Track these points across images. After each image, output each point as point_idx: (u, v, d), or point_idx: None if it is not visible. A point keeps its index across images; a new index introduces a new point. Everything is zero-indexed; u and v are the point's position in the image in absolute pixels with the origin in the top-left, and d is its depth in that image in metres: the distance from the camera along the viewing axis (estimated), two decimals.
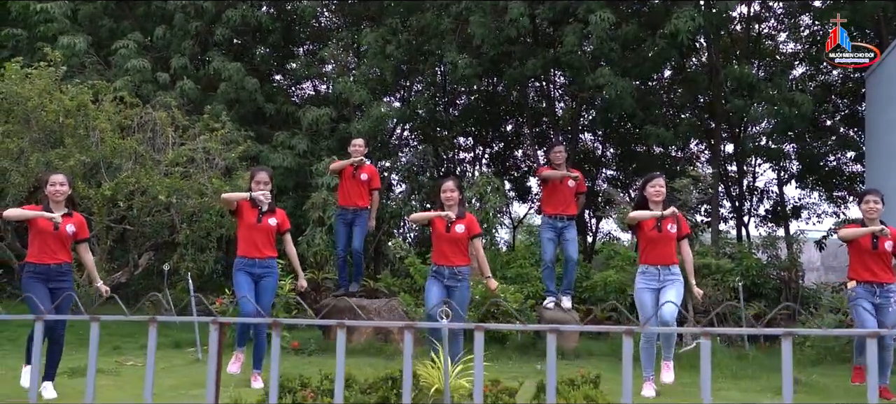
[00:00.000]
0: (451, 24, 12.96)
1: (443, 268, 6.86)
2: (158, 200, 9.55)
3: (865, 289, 6.70)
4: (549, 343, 2.61)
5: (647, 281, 6.65)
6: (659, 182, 6.68)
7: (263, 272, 6.87)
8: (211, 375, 3.04)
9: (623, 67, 12.29)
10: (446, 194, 6.93)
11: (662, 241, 6.60)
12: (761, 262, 12.11)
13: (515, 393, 5.15)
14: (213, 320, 3.09)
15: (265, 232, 6.86)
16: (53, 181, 6.23)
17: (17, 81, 9.21)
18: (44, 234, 6.15)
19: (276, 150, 13.22)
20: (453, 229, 6.87)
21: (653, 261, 6.63)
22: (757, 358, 8.84)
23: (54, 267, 6.17)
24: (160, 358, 8.67)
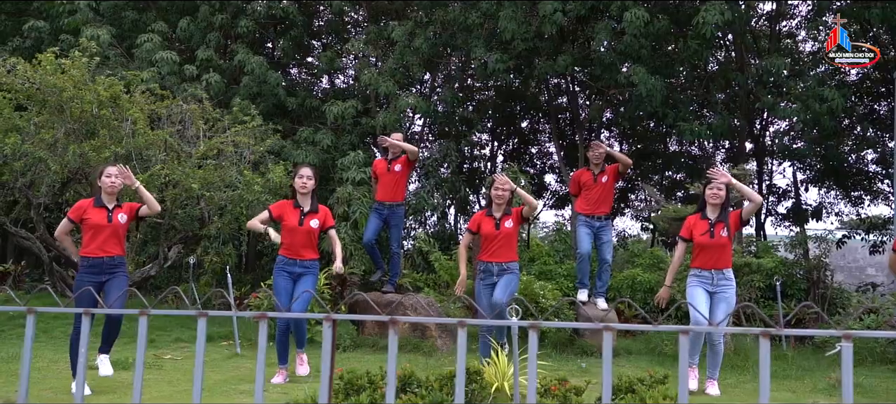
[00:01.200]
0: (479, 19, 12.88)
1: (491, 265, 6.80)
2: (191, 192, 9.48)
3: None
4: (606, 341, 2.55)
5: (700, 282, 6.61)
6: (717, 185, 6.61)
7: (303, 271, 6.85)
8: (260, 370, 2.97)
9: (653, 66, 12.21)
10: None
11: (714, 247, 6.53)
12: (788, 261, 12.06)
13: (582, 392, 5.10)
14: (261, 315, 3.02)
15: (306, 233, 6.81)
16: (108, 173, 6.20)
17: (52, 72, 9.12)
18: (97, 228, 6.11)
19: (299, 146, 13.15)
20: (502, 226, 6.82)
21: (706, 265, 6.57)
22: (796, 358, 8.80)
23: (107, 260, 6.12)
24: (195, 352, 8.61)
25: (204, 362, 7.19)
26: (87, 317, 2.89)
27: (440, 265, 11.57)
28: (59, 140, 9.13)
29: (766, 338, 2.41)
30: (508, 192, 6.89)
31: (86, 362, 2.89)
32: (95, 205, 6.20)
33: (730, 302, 6.53)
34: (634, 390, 4.70)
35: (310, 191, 6.86)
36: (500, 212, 6.85)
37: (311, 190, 6.87)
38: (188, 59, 13.64)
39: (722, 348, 6.80)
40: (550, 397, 4.99)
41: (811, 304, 2.48)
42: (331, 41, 17.04)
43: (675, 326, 2.61)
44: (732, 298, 6.58)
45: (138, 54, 13.20)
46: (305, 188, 6.82)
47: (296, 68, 17.50)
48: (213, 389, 6.44)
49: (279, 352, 6.97)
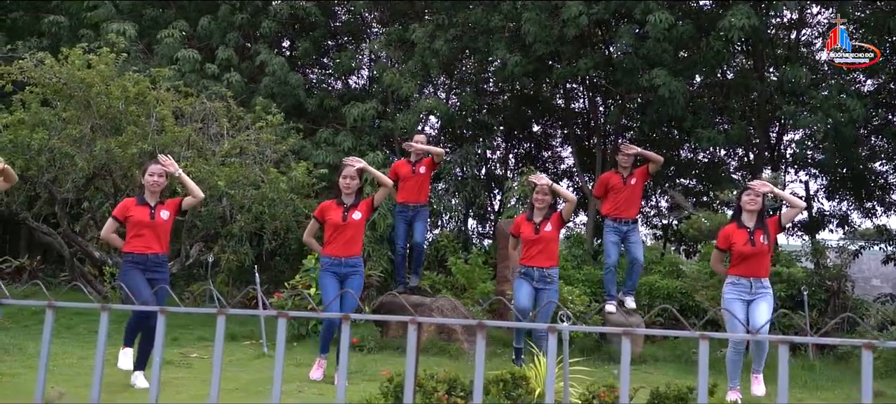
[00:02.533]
0: (500, 22, 12.86)
1: (532, 270, 6.77)
2: (216, 190, 9.45)
3: None
4: (625, 346, 2.52)
5: (738, 292, 6.51)
6: (754, 191, 6.53)
7: (349, 271, 6.83)
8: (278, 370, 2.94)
9: (675, 69, 12.19)
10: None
11: (756, 256, 6.43)
12: (808, 271, 12.03)
13: (632, 399, 5.06)
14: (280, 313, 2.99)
15: (352, 228, 6.79)
16: (152, 171, 6.23)
17: (80, 67, 9.10)
18: (141, 225, 6.12)
19: (319, 147, 13.13)
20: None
21: (745, 273, 6.47)
22: (823, 368, 8.77)
23: (152, 256, 6.12)
24: (224, 351, 8.57)
25: (230, 362, 7.17)
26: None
27: (457, 268, 11.54)
28: (85, 136, 9.10)
29: (786, 346, 2.39)
30: (549, 195, 6.85)
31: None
32: (139, 202, 6.22)
33: (770, 301, 6.47)
34: (685, 400, 4.66)
35: (353, 192, 6.85)
36: (541, 216, 6.81)
37: (356, 189, 6.86)
38: (208, 57, 13.62)
39: (766, 344, 6.68)
40: (599, 403, 4.95)
41: (853, 316, 2.44)
42: (346, 42, 17.03)
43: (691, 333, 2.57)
44: (772, 301, 6.52)
45: (159, 51, 13.18)
46: (349, 188, 6.82)
47: (313, 68, 17.47)
48: (246, 389, 6.40)
49: (322, 344, 7.01)
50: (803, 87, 12.70)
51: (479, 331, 2.65)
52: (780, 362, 2.37)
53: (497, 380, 5.15)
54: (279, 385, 2.87)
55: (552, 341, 2.68)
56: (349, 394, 5.69)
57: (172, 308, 2.90)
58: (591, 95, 16.47)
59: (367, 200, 6.99)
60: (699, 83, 15.93)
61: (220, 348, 2.87)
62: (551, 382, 2.70)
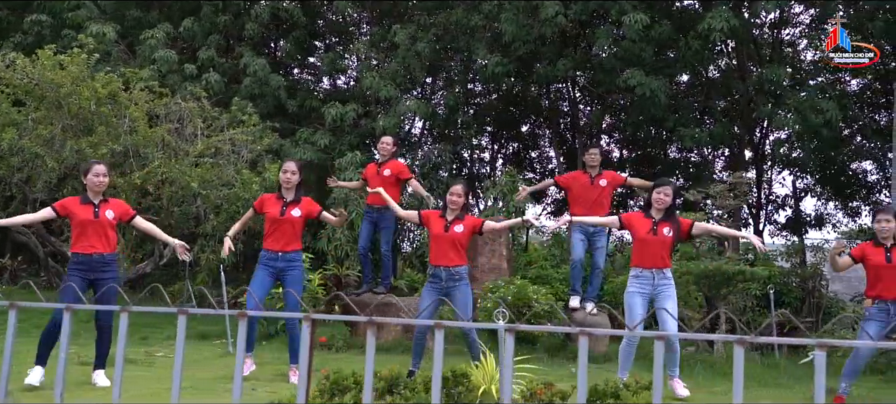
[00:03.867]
0: (481, 22, 12.91)
1: (439, 270, 6.76)
2: (187, 190, 9.51)
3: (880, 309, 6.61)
4: (581, 345, 2.56)
5: (640, 284, 6.56)
6: (665, 190, 6.58)
7: (286, 266, 6.76)
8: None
9: (654, 68, 12.24)
10: (454, 198, 6.78)
11: (656, 245, 6.50)
12: (783, 270, 12.07)
13: (568, 397, 5.12)
14: (241, 313, 3.04)
15: (290, 223, 6.76)
16: (97, 171, 6.21)
17: (50, 68, 9.16)
18: (85, 224, 6.10)
19: (298, 145, 13.20)
20: (452, 229, 6.81)
21: (646, 264, 6.55)
22: (788, 367, 8.80)
23: (96, 257, 6.11)
24: (189, 350, 8.65)
25: (195, 360, 7.23)
26: (68, 314, 2.90)
27: None
28: (56, 136, 9.17)
29: (742, 346, 2.43)
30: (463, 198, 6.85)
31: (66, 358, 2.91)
32: (82, 201, 6.19)
33: (674, 297, 6.57)
34: (618, 395, 4.71)
35: (293, 187, 6.83)
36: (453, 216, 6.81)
37: (296, 184, 6.84)
38: (191, 58, 13.69)
39: (678, 346, 6.84)
40: (536, 401, 5.00)
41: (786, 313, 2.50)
42: (333, 42, 17.10)
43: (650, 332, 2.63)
44: (675, 296, 6.61)
45: (140, 52, 13.25)
46: (289, 183, 6.80)
47: (298, 69, 17.54)
48: (199, 387, 6.46)
49: (247, 342, 6.95)
50: (782, 88, 12.73)
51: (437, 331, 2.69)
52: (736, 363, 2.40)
53: (447, 377, 5.20)
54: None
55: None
56: (284, 391, 5.75)
57: (138, 307, 2.95)
58: (575, 96, 16.50)
59: (311, 203, 7.00)
60: (683, 82, 15.99)
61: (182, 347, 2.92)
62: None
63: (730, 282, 8.84)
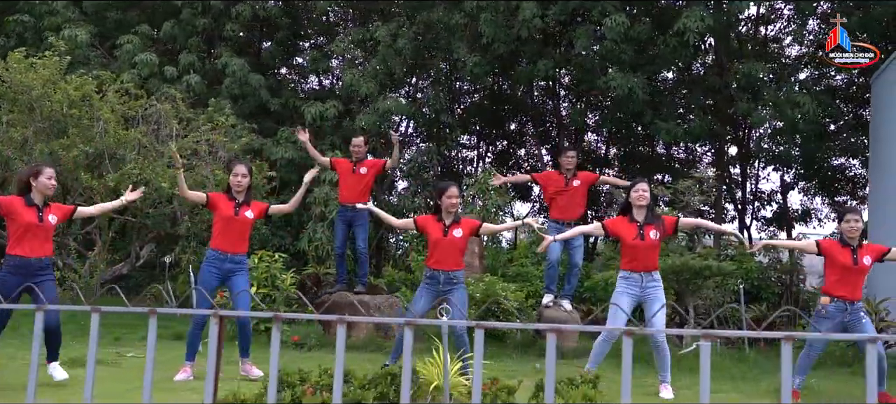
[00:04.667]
0: (461, 20, 12.95)
1: (438, 274, 6.76)
2: (161, 191, 9.56)
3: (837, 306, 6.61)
4: (549, 342, 2.61)
5: (628, 286, 6.61)
6: (642, 186, 6.62)
7: (233, 267, 6.72)
8: (210, 369, 3.05)
9: (633, 66, 12.28)
10: (452, 201, 6.77)
11: (645, 249, 6.54)
12: (762, 265, 12.11)
13: (514, 392, 5.14)
14: (214, 313, 3.10)
15: (242, 223, 6.73)
16: (49, 174, 6.15)
17: (22, 70, 9.21)
18: (28, 227, 6.02)
19: (279, 144, 13.25)
20: (451, 233, 6.79)
21: (635, 268, 6.57)
22: (757, 360, 8.84)
23: (35, 261, 6.05)
24: (162, 350, 8.67)
25: (168, 360, 7.23)
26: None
27: (417, 265, 11.64)
28: (28, 139, 9.22)
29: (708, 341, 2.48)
30: (458, 200, 6.85)
31: None
32: (27, 203, 6.07)
33: (662, 298, 6.60)
34: (558, 390, 4.74)
35: (244, 189, 6.79)
36: (451, 219, 6.82)
37: (246, 187, 6.81)
38: (172, 61, 13.73)
39: (667, 349, 6.83)
40: (482, 396, 5.03)
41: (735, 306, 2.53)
42: (318, 42, 17.13)
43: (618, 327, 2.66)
44: (663, 299, 6.65)
45: (119, 55, 13.30)
46: (240, 186, 6.75)
47: (285, 69, 17.58)
48: (159, 387, 6.48)
49: (189, 348, 6.91)
50: (759, 84, 12.75)
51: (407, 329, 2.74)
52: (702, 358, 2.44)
53: (386, 374, 5.24)
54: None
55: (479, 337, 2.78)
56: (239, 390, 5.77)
57: (108, 307, 3.00)
58: (557, 94, 16.54)
59: (259, 203, 7.04)
60: (668, 79, 16.01)
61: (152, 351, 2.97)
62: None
63: (698, 276, 8.88)
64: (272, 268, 9.47)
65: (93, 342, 2.84)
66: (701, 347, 2.50)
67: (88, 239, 10.74)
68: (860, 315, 6.51)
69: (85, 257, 10.35)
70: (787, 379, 2.48)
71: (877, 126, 12.07)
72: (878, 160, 11.94)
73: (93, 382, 2.99)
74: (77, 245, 10.74)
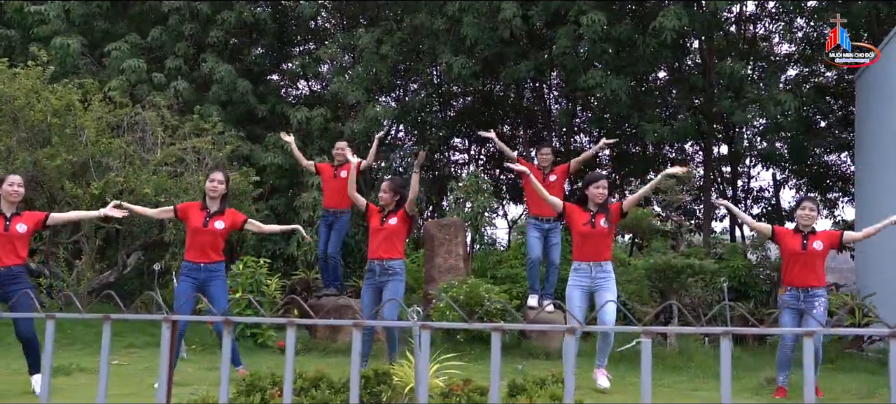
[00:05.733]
0: (444, 25, 12.99)
1: (373, 264, 6.86)
2: (147, 199, 9.58)
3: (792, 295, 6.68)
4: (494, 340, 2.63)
5: (578, 278, 6.65)
6: (603, 184, 6.66)
7: (208, 277, 6.69)
8: (163, 375, 3.07)
9: (616, 67, 12.32)
10: (381, 195, 6.94)
11: (595, 237, 6.58)
12: (750, 263, 12.12)
13: (487, 392, 5.17)
14: (166, 318, 3.12)
15: (212, 235, 6.68)
16: (11, 181, 6.15)
17: (5, 80, 9.24)
18: None
19: (268, 149, 13.28)
20: (387, 222, 6.88)
21: (585, 257, 6.62)
22: (740, 358, 8.86)
23: (4, 271, 6.04)
24: (145, 357, 8.72)
25: (147, 368, 7.27)
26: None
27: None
28: (12, 149, 9.24)
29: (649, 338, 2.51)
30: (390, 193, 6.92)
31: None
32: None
33: (614, 290, 6.64)
34: (526, 389, 4.77)
35: (219, 196, 6.75)
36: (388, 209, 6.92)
37: (222, 194, 6.76)
38: (160, 68, 13.75)
39: (611, 337, 6.93)
40: (454, 397, 5.07)
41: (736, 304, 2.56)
42: (308, 47, 17.16)
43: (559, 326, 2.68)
44: (614, 288, 6.68)
45: (108, 63, 13.33)
46: (215, 191, 6.72)
47: (274, 74, 17.60)
48: (142, 394, 6.52)
49: None
50: (742, 83, 12.79)
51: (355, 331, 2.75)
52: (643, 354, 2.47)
53: (360, 377, 5.26)
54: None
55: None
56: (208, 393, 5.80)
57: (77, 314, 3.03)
58: (543, 95, 16.58)
59: (235, 214, 6.98)
60: (657, 79, 16.05)
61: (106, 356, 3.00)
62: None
63: (680, 275, 8.90)
64: (257, 274, 9.49)
65: (48, 348, 2.86)
66: (642, 344, 2.52)
67: (76, 247, 10.75)
68: (813, 303, 6.53)
69: (72, 265, 10.37)
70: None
71: (862, 123, 12.12)
72: (863, 157, 11.98)
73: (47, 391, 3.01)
74: (66, 253, 10.76)
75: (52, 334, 3.14)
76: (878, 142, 10.94)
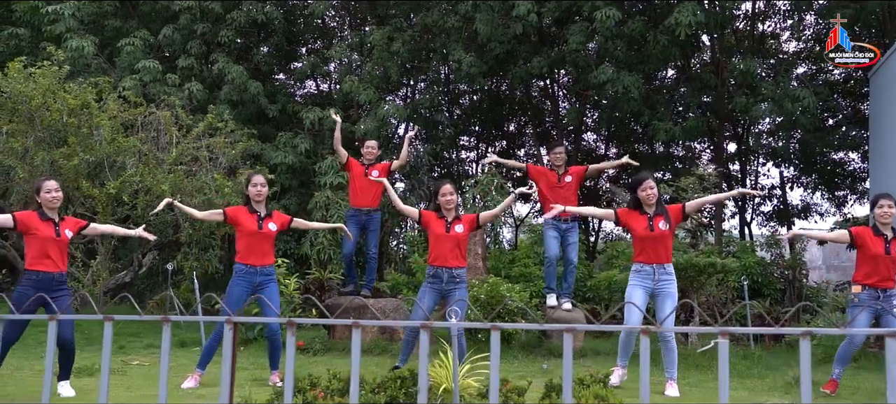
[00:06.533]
0: (457, 23, 12.94)
1: (441, 271, 6.79)
2: (161, 198, 9.54)
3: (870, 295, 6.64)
4: (567, 342, 2.61)
5: (640, 279, 6.63)
6: (649, 184, 6.63)
7: (264, 280, 6.69)
8: (225, 375, 3.04)
9: (628, 63, 12.28)
10: (446, 198, 6.88)
11: (656, 241, 6.57)
12: (764, 261, 12.11)
13: (524, 393, 5.13)
14: (228, 319, 3.09)
15: (267, 237, 6.70)
16: (48, 188, 6.08)
17: (21, 80, 9.20)
18: (45, 242, 5.99)
19: (278, 149, 13.25)
20: (453, 229, 6.83)
21: (647, 260, 6.61)
22: (762, 357, 8.83)
23: (57, 275, 6.03)
24: (175, 356, 8.68)
25: (170, 367, 7.22)
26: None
27: (418, 268, 11.63)
28: (29, 148, 9.20)
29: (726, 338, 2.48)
30: (455, 196, 6.91)
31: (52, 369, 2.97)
32: (42, 218, 6.06)
33: (674, 296, 6.58)
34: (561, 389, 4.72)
35: (264, 199, 6.77)
36: (451, 216, 6.86)
37: (266, 196, 6.80)
38: (171, 67, 13.71)
39: (675, 346, 6.80)
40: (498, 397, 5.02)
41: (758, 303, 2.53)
42: (316, 47, 17.13)
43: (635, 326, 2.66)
44: (676, 294, 6.63)
45: (120, 62, 13.27)
46: (260, 195, 6.71)
47: (282, 74, 17.56)
48: (172, 395, 6.47)
49: (203, 357, 6.84)
50: (757, 79, 12.76)
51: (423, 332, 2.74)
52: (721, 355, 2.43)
53: (396, 377, 5.22)
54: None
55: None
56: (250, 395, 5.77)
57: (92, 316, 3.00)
58: (553, 93, 16.54)
59: (281, 214, 6.99)
60: (666, 77, 16.03)
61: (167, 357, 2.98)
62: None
63: (702, 274, 8.87)
64: (276, 274, 9.45)
65: (106, 350, 2.83)
66: (719, 345, 2.50)
67: (90, 248, 10.71)
68: (893, 303, 6.53)
69: (88, 266, 10.32)
70: (807, 375, 2.46)
71: (876, 120, 12.08)
72: (878, 154, 11.95)
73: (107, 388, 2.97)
74: (81, 254, 10.73)
75: (111, 336, 3.11)
76: (892, 140, 10.92)
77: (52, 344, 3.21)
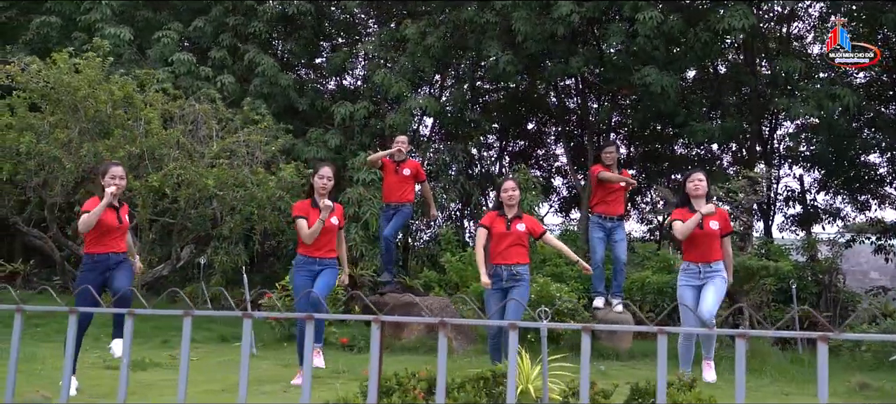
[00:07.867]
0: (493, 19, 12.85)
1: (500, 268, 6.73)
2: (205, 191, 9.47)
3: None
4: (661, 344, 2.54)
5: (688, 278, 6.69)
6: (698, 176, 6.73)
7: (323, 268, 6.73)
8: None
9: (666, 62, 12.20)
10: (508, 194, 6.82)
11: (704, 238, 6.58)
12: (799, 264, 12.06)
13: (610, 395, 5.07)
14: (308, 315, 3.03)
15: (329, 232, 6.73)
16: (113, 173, 6.07)
17: (66, 71, 9.10)
18: (107, 228, 6.01)
19: (310, 144, 13.18)
20: (514, 227, 6.77)
21: (695, 258, 6.65)
22: (810, 363, 8.77)
23: (113, 256, 6.06)
24: (212, 352, 8.62)
25: (222, 363, 7.17)
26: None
27: (451, 266, 11.56)
28: (73, 139, 9.11)
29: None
30: (518, 191, 6.88)
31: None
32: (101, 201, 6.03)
33: (719, 286, 6.58)
34: (668, 394, 4.66)
35: (328, 192, 6.78)
36: (513, 213, 6.81)
37: (330, 189, 6.81)
38: (202, 59, 13.61)
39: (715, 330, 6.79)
40: (579, 399, 4.96)
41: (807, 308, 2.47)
42: (340, 42, 17.03)
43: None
44: (722, 284, 6.63)
45: (153, 54, 13.18)
46: (325, 189, 6.73)
47: (306, 69, 17.47)
48: (234, 390, 6.40)
49: (300, 352, 6.89)
50: (796, 80, 12.71)
51: (512, 331, 2.67)
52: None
53: (477, 378, 5.16)
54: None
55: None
56: (334, 394, 5.70)
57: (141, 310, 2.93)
58: (583, 92, 16.46)
59: (341, 207, 7.03)
60: (692, 78, 15.94)
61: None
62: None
63: (753, 276, 8.82)
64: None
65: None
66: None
67: None
68: None
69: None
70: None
71: None
72: None
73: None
74: None
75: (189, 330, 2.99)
76: None
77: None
